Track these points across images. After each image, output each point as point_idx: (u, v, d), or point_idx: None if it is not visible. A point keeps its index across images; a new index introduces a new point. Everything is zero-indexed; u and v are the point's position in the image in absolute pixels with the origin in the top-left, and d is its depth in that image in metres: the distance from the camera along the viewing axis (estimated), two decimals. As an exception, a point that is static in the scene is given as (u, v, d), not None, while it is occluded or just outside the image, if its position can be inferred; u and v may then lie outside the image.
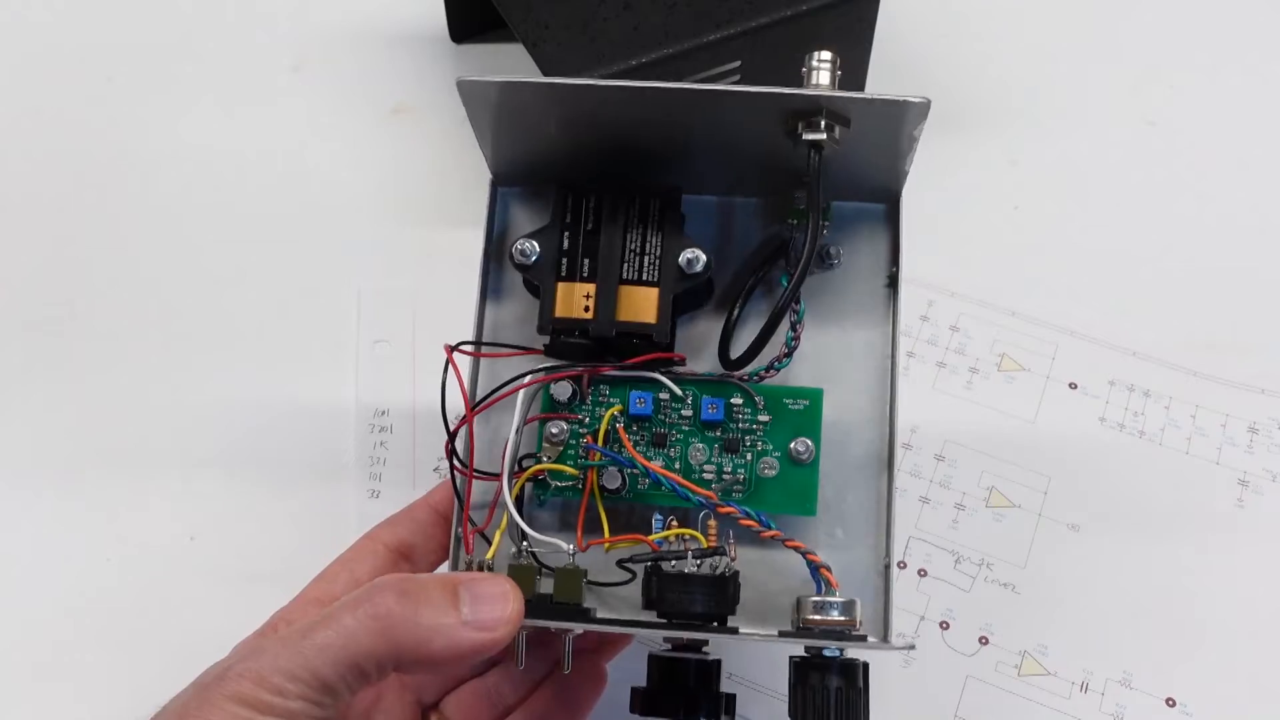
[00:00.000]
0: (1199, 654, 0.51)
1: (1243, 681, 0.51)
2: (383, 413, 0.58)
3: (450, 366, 0.40)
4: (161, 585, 0.54)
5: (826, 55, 0.39)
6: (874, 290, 0.44)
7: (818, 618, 0.37)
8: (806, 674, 0.37)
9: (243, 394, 0.59)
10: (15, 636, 0.52)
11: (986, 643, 0.51)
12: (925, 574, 0.53)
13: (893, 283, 0.44)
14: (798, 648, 0.38)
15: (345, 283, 0.63)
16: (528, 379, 0.41)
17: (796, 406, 0.42)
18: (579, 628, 0.39)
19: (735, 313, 0.43)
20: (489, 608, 0.35)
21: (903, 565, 0.53)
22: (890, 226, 0.44)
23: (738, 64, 0.61)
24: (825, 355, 0.43)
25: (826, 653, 0.37)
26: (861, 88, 0.67)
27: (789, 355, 0.41)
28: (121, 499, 0.56)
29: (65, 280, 0.64)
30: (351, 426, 0.58)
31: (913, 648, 0.38)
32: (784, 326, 0.41)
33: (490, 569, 0.39)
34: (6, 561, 0.54)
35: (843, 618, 0.37)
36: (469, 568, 0.39)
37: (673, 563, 0.38)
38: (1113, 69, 0.73)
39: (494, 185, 0.45)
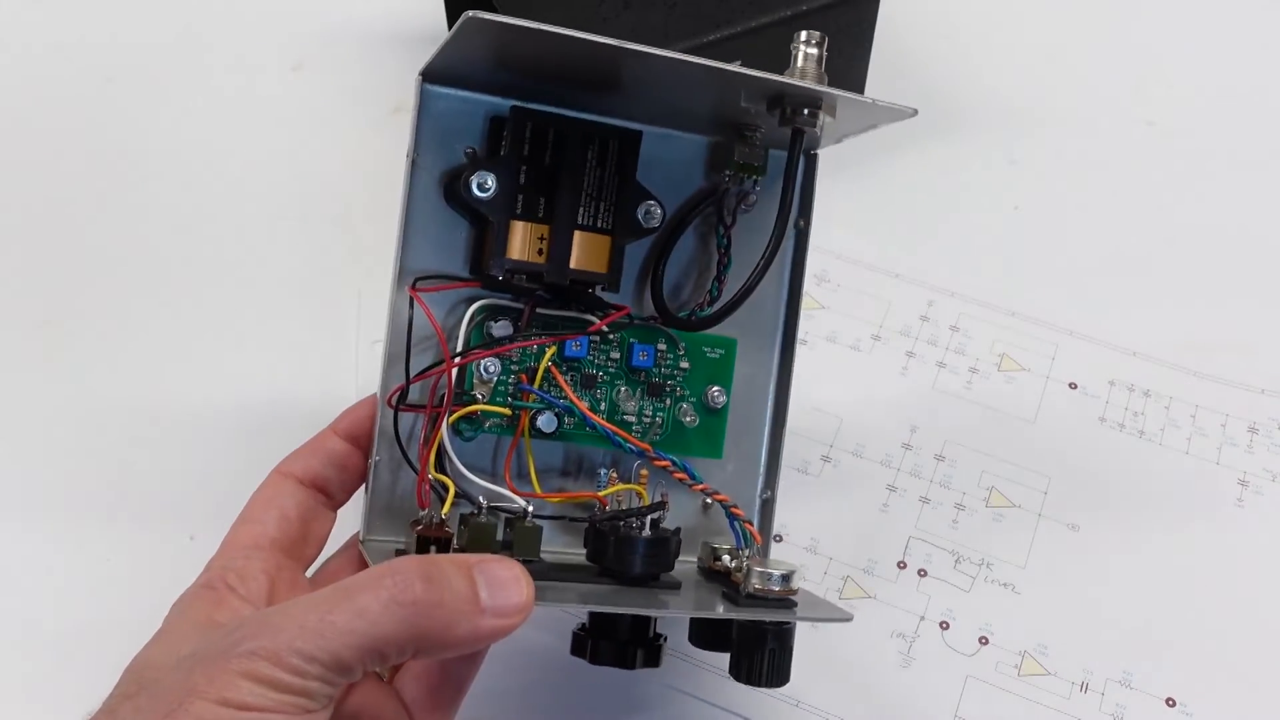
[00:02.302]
0: (1199, 654, 0.51)
1: (1243, 681, 0.51)
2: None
3: (417, 305, 0.40)
4: (162, 586, 0.54)
5: (816, 34, 0.40)
6: (785, 240, 0.44)
7: (761, 586, 0.39)
8: (749, 642, 0.40)
9: (242, 393, 0.59)
10: (14, 637, 0.52)
11: (986, 643, 0.51)
12: (925, 574, 0.53)
13: (800, 235, 0.46)
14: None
15: (345, 283, 0.63)
16: (534, 338, 0.42)
17: (714, 355, 0.45)
18: (578, 608, 0.40)
19: (664, 261, 0.44)
20: (505, 593, 0.34)
21: (903, 565, 0.53)
22: (805, 179, 0.46)
23: (738, 64, 0.61)
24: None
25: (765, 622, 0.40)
26: (861, 88, 0.67)
27: (712, 304, 0.43)
28: (121, 499, 0.56)
29: (64, 280, 0.64)
30: (351, 426, 0.58)
31: (850, 618, 0.41)
32: (712, 272, 0.44)
33: (448, 526, 0.39)
34: (5, 562, 0.54)
35: (781, 588, 0.39)
36: (428, 526, 0.39)
37: (621, 525, 0.40)
38: (1113, 69, 0.73)
39: (421, 81, 0.41)
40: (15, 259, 0.65)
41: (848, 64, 0.66)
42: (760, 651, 0.40)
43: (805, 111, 0.39)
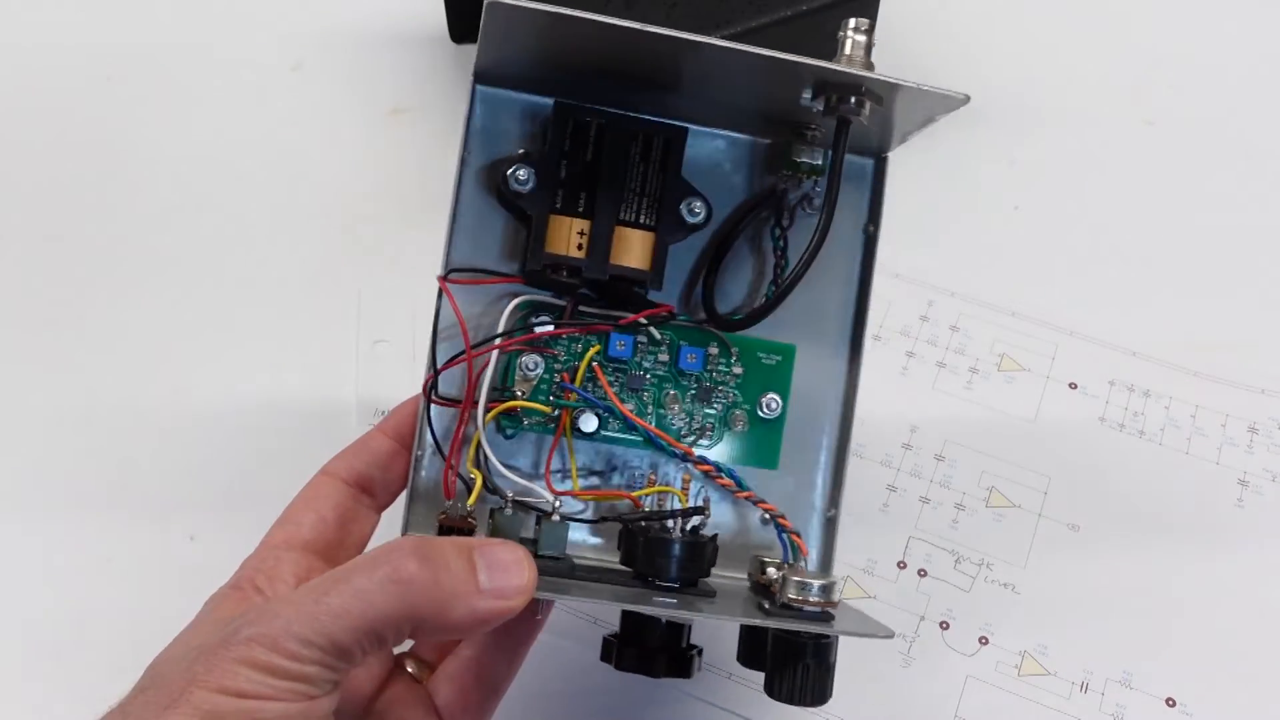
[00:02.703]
0: (1199, 654, 0.51)
1: (1243, 681, 0.51)
2: (383, 413, 0.58)
3: (445, 297, 0.39)
4: (161, 586, 0.54)
5: (864, 22, 0.38)
6: (851, 246, 0.44)
7: (798, 597, 0.37)
8: (785, 657, 0.38)
9: (242, 394, 0.59)
10: (15, 637, 0.52)
11: (986, 643, 0.51)
12: (925, 574, 0.53)
13: (870, 241, 0.44)
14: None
15: (345, 283, 0.63)
16: (537, 330, 0.40)
17: (769, 361, 0.42)
18: (587, 601, 0.39)
19: (720, 263, 0.42)
20: (505, 575, 0.34)
21: (903, 565, 0.53)
22: (875, 183, 0.44)
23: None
24: (799, 309, 0.43)
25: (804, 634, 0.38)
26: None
27: (771, 308, 0.41)
28: (122, 499, 0.56)
29: (64, 279, 0.64)
30: (352, 426, 0.58)
31: (891, 635, 0.38)
32: (768, 275, 0.42)
33: (473, 518, 0.39)
34: (6, 562, 0.54)
35: (821, 599, 0.37)
36: (451, 516, 0.39)
37: (656, 526, 0.38)
38: (1113, 69, 0.73)
39: (475, 83, 0.42)
40: (15, 259, 0.65)
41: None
42: (795, 666, 0.37)
43: (851, 100, 0.37)
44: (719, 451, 0.42)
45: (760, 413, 0.42)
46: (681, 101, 0.41)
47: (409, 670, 0.43)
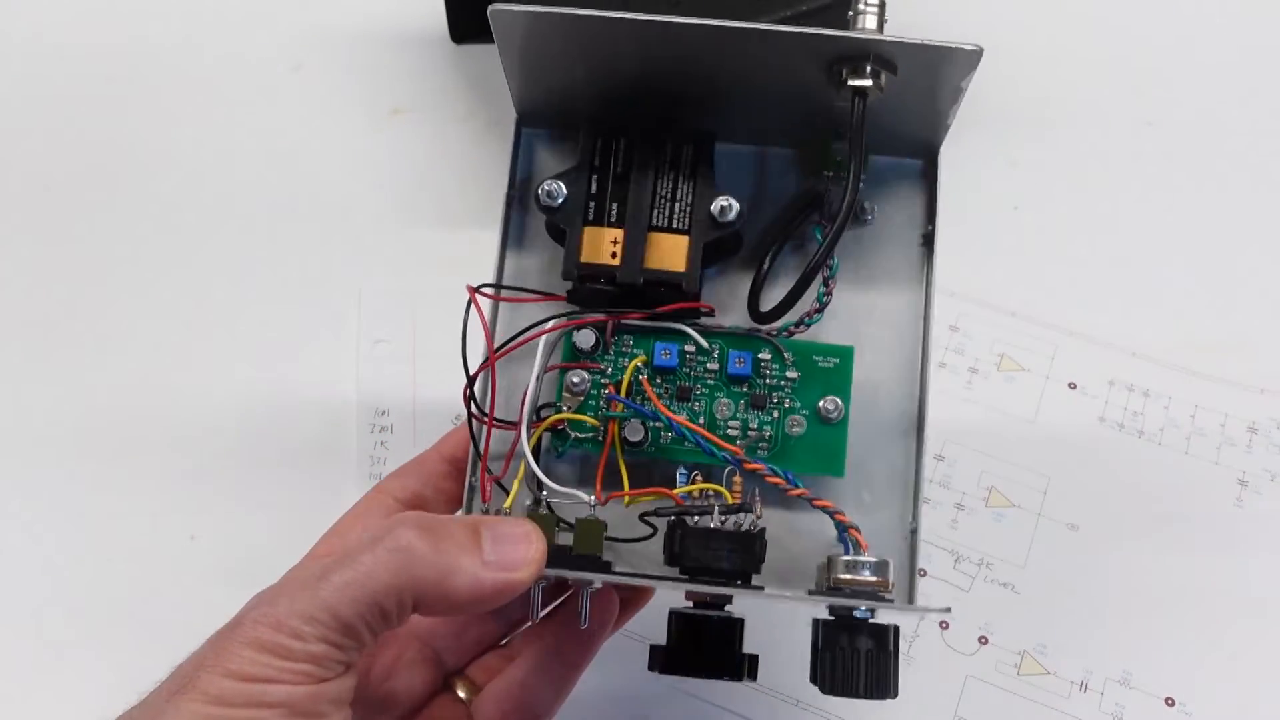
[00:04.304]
0: (1199, 654, 0.51)
1: (1243, 681, 0.51)
2: (383, 412, 0.58)
3: (473, 307, 0.39)
4: (161, 585, 0.54)
5: (874, 4, 0.38)
6: (908, 249, 0.43)
7: (849, 577, 0.35)
8: (835, 636, 0.35)
9: (242, 394, 0.59)
10: (15, 637, 0.52)
11: (986, 643, 0.51)
12: (925, 574, 0.53)
13: (928, 242, 0.43)
14: (823, 612, 0.37)
15: (345, 283, 0.63)
16: (550, 324, 0.40)
17: (826, 364, 0.40)
18: (598, 579, 0.37)
19: (766, 266, 0.41)
20: (511, 548, 0.34)
21: (902, 565, 0.54)
22: (927, 183, 0.43)
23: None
24: (857, 313, 0.42)
25: (857, 614, 0.35)
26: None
27: (820, 311, 0.40)
28: (122, 499, 0.56)
29: (64, 280, 0.64)
30: (352, 426, 0.58)
31: (948, 610, 0.38)
32: (816, 281, 0.40)
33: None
34: (6, 562, 0.54)
35: (875, 578, 0.35)
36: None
37: (696, 518, 0.36)
38: (1113, 69, 0.73)
39: (519, 125, 0.43)
40: (15, 259, 0.65)
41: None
42: (849, 649, 0.35)
43: (867, 71, 0.37)
44: (778, 459, 0.40)
45: (820, 417, 0.40)
46: (714, 118, 0.41)
47: (459, 694, 0.42)
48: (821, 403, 0.40)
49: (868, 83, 0.37)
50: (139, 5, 0.77)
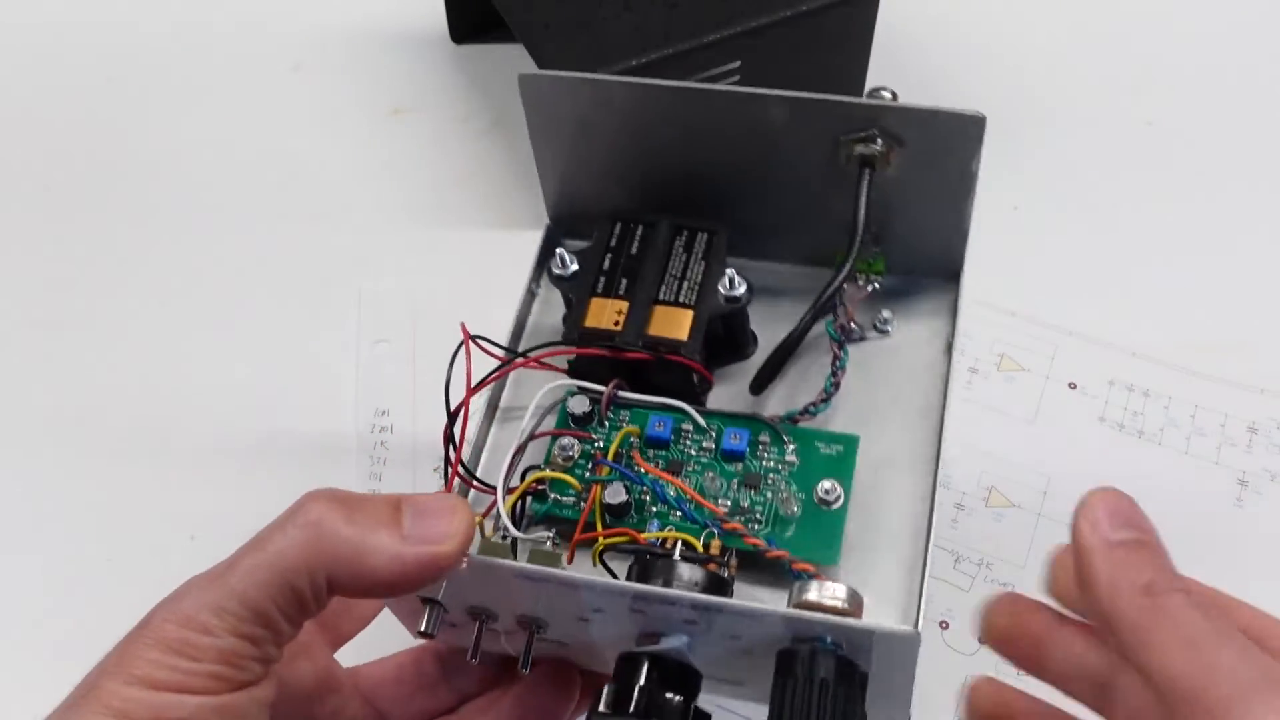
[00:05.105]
0: (1199, 654, 0.51)
1: (1242, 681, 0.51)
2: (383, 413, 0.58)
3: (464, 347, 0.38)
4: (161, 586, 0.54)
5: (888, 92, 0.38)
6: (928, 358, 0.42)
7: (815, 598, 0.32)
8: (792, 664, 0.31)
9: (242, 394, 0.59)
10: (15, 638, 0.52)
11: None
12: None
13: (948, 349, 0.42)
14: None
15: (345, 283, 0.63)
16: (536, 353, 0.40)
17: (829, 451, 0.39)
18: (527, 568, 0.32)
19: (776, 371, 0.41)
20: (434, 521, 0.31)
21: (903, 565, 0.54)
22: (950, 301, 0.42)
23: (738, 64, 0.61)
24: (866, 407, 0.41)
25: (824, 643, 0.31)
26: (861, 88, 0.67)
27: (826, 401, 0.39)
28: (121, 500, 0.56)
29: (64, 280, 0.64)
30: (352, 426, 0.58)
31: (917, 634, 0.34)
32: (824, 368, 0.40)
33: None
34: (5, 561, 0.54)
35: (846, 605, 0.32)
36: None
37: (661, 559, 0.34)
38: (1112, 69, 0.73)
39: (550, 230, 0.44)
40: (15, 259, 0.65)
41: (848, 64, 0.66)
42: (809, 680, 0.30)
43: (876, 143, 0.37)
44: (770, 538, 0.37)
45: (816, 499, 0.37)
46: (735, 211, 0.42)
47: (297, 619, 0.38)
48: (820, 485, 0.38)
49: (875, 149, 0.37)
50: (139, 6, 0.77)
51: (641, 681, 0.32)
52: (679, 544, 0.35)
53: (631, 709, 0.32)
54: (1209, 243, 0.64)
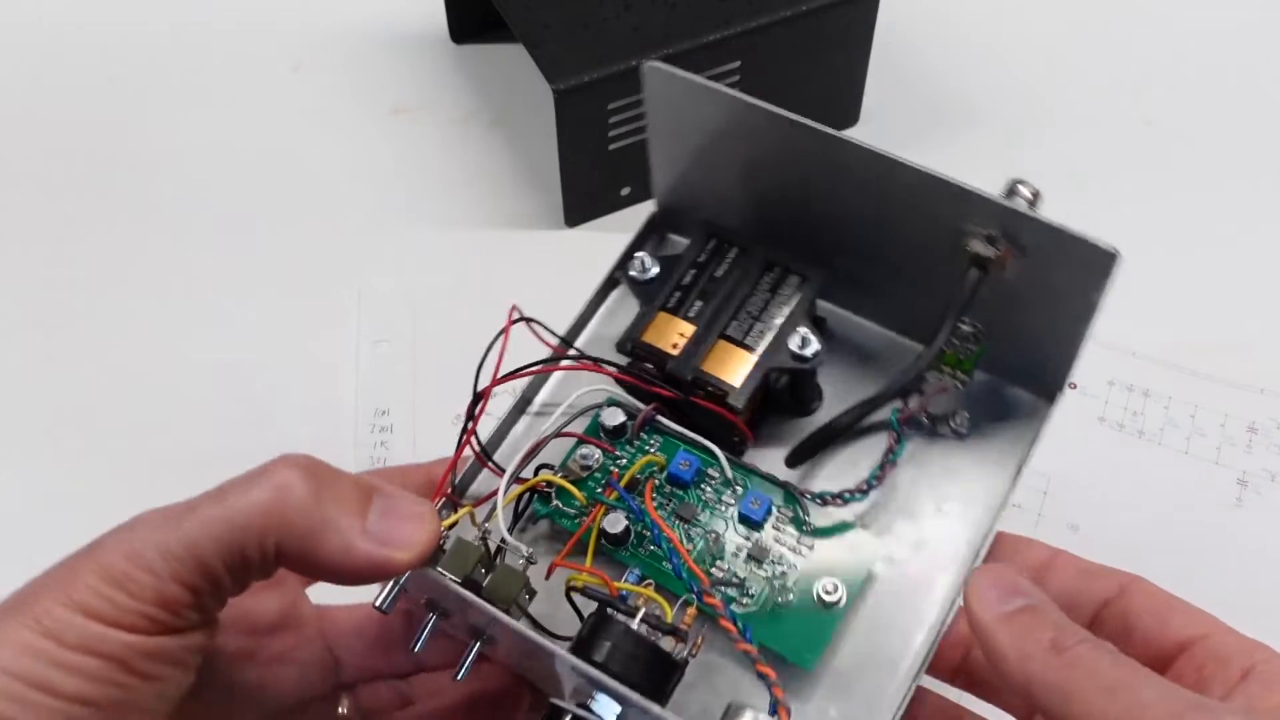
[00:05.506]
0: (1198, 654, 0.51)
1: (1242, 681, 0.51)
2: (383, 413, 0.58)
3: (504, 333, 0.37)
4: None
5: (1028, 189, 0.36)
6: (990, 480, 0.38)
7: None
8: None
9: (242, 393, 0.59)
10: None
11: (986, 642, 0.51)
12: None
13: (1016, 472, 0.38)
14: None
15: (345, 283, 0.63)
16: (565, 362, 0.39)
17: (846, 553, 0.36)
18: (483, 606, 0.31)
19: (829, 442, 0.38)
20: (399, 524, 0.30)
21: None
22: (1035, 423, 0.39)
23: (738, 64, 0.61)
24: (905, 509, 0.38)
25: None
26: (860, 89, 0.67)
27: (865, 492, 0.36)
28: (120, 500, 0.56)
29: (64, 280, 0.64)
30: (351, 426, 0.58)
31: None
32: (874, 457, 0.37)
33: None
34: (5, 562, 0.54)
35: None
36: None
37: (622, 616, 0.32)
38: (1112, 69, 0.73)
39: (653, 218, 0.42)
40: (15, 258, 0.65)
41: (848, 64, 0.66)
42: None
43: (998, 245, 0.35)
44: (755, 621, 0.35)
45: (815, 595, 0.35)
46: (839, 259, 0.39)
47: (340, 710, 0.39)
48: (824, 581, 0.35)
49: (991, 252, 0.34)
50: (140, 5, 0.77)
51: None
52: (646, 606, 0.32)
53: None
54: (1209, 242, 0.64)
